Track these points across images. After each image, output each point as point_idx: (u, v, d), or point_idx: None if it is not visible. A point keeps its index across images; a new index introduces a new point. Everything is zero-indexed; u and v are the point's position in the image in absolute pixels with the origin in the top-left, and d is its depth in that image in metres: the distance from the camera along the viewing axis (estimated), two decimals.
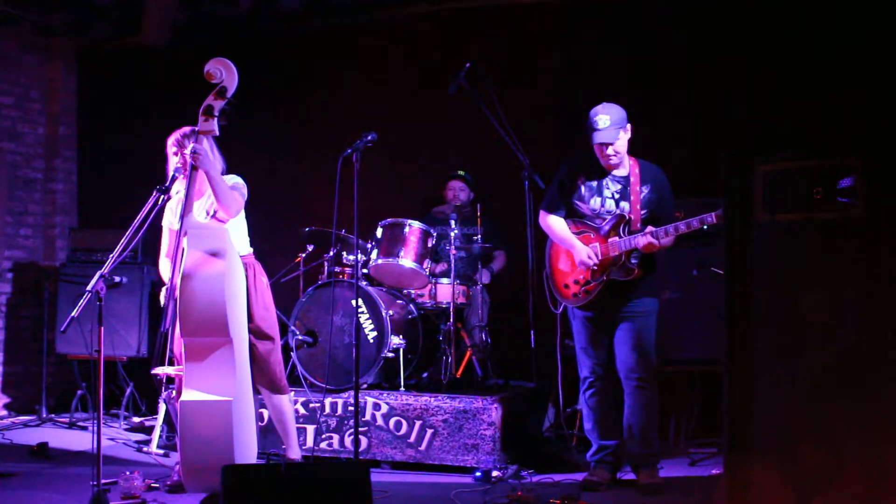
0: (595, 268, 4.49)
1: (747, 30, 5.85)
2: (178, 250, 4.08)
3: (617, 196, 4.55)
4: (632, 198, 4.50)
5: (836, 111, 5.28)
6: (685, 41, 6.03)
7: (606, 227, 4.50)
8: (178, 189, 4.35)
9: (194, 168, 4.15)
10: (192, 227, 4.13)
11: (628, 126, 4.50)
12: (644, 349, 4.50)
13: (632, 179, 4.52)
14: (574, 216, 4.63)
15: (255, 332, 4.43)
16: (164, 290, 4.46)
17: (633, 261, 4.47)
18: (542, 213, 4.72)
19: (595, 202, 4.58)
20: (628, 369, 4.50)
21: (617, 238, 4.46)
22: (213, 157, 4.30)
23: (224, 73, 4.25)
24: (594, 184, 4.58)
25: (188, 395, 4.02)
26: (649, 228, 4.38)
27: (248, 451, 4.21)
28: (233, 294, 4.12)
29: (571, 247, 4.57)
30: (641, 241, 4.38)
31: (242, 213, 4.49)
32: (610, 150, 4.46)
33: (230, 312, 4.03)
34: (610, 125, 4.42)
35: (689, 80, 5.96)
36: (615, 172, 4.55)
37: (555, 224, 4.65)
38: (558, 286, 4.67)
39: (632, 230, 4.45)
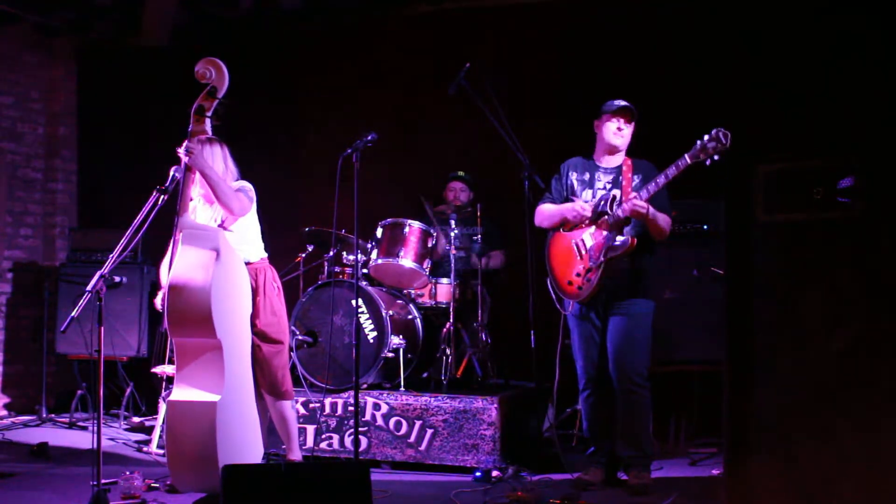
0: (588, 213, 4.50)
1: (747, 29, 5.84)
2: (173, 250, 4.08)
3: (609, 186, 4.58)
4: (623, 183, 4.53)
5: (836, 111, 5.28)
6: (685, 41, 6.03)
7: (597, 210, 4.51)
8: (194, 196, 4.33)
9: (188, 169, 4.14)
10: (185, 227, 4.12)
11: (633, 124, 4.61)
12: (635, 351, 4.49)
13: (623, 168, 4.57)
14: None
15: (260, 335, 4.44)
16: (160, 292, 4.46)
17: (625, 230, 4.45)
18: (536, 211, 4.73)
19: (587, 194, 4.62)
20: (619, 371, 4.50)
21: (607, 216, 4.48)
22: (224, 167, 4.30)
23: (214, 73, 4.23)
24: (586, 177, 4.64)
25: (175, 394, 4.05)
26: (632, 193, 4.40)
27: (246, 452, 4.20)
28: (225, 296, 4.11)
29: (561, 213, 4.61)
30: (626, 206, 4.39)
31: (255, 219, 4.49)
32: (623, 125, 4.54)
33: (219, 314, 4.01)
34: (629, 105, 4.56)
35: (689, 80, 5.96)
36: (606, 165, 4.60)
37: (544, 208, 4.70)
38: (562, 285, 4.66)
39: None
